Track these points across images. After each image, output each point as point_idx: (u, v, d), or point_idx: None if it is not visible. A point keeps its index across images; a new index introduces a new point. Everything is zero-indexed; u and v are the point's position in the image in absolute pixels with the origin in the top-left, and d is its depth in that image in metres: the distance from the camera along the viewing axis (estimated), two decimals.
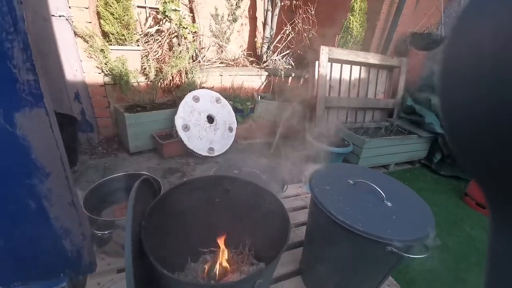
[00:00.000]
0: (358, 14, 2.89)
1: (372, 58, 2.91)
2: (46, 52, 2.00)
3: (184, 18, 2.95)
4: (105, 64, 2.27)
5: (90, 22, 2.15)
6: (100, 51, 2.21)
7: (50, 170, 0.71)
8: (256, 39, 3.81)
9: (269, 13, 3.56)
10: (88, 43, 2.15)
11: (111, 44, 2.36)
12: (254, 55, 3.78)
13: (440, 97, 0.22)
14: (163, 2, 2.62)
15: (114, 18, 2.27)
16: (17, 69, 0.61)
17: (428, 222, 0.97)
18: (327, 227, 1.09)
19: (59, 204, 0.74)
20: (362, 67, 3.00)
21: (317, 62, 2.74)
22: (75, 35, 2.09)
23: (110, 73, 2.31)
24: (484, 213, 2.16)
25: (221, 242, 1.15)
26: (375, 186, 1.08)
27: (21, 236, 0.74)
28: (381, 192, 1.06)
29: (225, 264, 1.11)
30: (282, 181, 1.60)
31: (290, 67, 3.63)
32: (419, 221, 0.98)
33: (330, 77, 2.84)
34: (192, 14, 3.24)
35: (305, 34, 3.51)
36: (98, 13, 2.30)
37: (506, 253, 0.21)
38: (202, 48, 3.35)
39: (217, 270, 1.10)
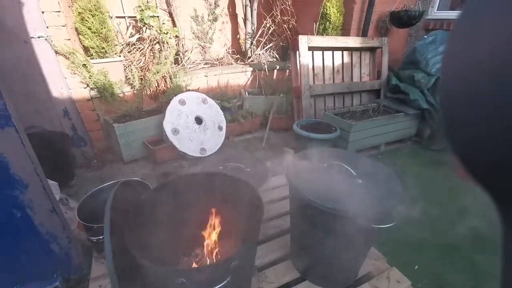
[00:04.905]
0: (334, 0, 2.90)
1: (352, 41, 2.92)
2: (31, 74, 2.06)
3: (163, 23, 2.98)
4: (89, 78, 2.33)
5: (69, 39, 2.21)
6: (83, 66, 2.27)
7: (28, 182, 0.77)
8: (238, 36, 3.83)
9: (248, 8, 3.57)
10: (69, 59, 2.20)
11: (92, 58, 2.42)
12: (238, 52, 3.80)
13: (443, 117, 0.21)
14: (140, 10, 2.65)
15: (92, 32, 2.32)
16: None
17: (395, 194, 1.01)
18: (303, 208, 1.14)
19: (41, 212, 0.80)
20: (344, 52, 3.01)
21: (297, 52, 2.76)
22: (56, 53, 2.14)
23: (95, 86, 2.37)
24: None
25: (208, 231, 1.20)
26: (346, 166, 1.13)
27: (12, 243, 0.80)
28: (352, 171, 1.11)
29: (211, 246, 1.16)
30: (266, 172, 1.65)
31: (274, 60, 3.65)
32: (387, 194, 1.02)
33: (313, 66, 2.86)
34: (171, 18, 3.26)
35: (285, 25, 3.53)
36: (76, 29, 2.35)
37: None
38: (186, 51, 3.39)
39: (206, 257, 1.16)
